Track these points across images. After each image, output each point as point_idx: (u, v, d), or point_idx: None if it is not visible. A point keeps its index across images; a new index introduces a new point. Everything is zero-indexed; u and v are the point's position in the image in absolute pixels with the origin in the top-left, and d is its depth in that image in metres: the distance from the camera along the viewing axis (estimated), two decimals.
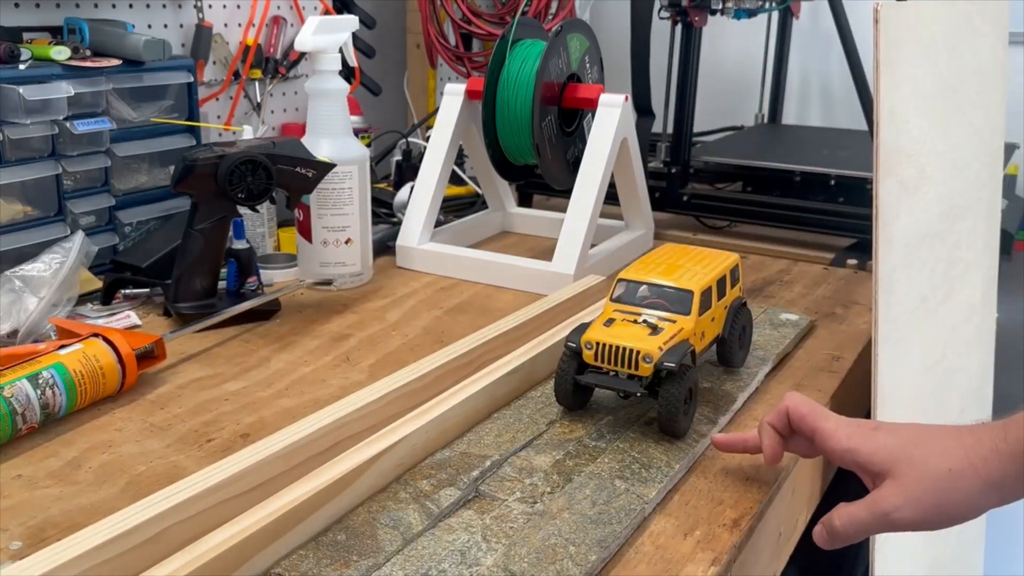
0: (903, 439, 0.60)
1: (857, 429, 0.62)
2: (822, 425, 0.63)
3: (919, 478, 0.57)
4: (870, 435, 0.61)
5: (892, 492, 0.58)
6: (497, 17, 1.59)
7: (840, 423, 0.63)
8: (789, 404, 0.66)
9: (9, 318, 0.89)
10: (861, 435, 0.61)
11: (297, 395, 0.83)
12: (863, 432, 0.62)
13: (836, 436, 0.62)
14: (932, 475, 0.57)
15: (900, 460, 0.59)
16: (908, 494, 0.57)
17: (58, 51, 1.04)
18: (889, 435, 0.61)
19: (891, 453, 0.59)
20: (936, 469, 0.57)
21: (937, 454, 0.58)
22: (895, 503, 0.58)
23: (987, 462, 0.56)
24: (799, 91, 1.88)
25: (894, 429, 0.62)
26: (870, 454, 0.60)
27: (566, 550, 0.59)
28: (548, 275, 1.08)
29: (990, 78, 1.03)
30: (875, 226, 0.80)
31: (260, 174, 0.97)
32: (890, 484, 0.58)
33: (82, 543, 0.52)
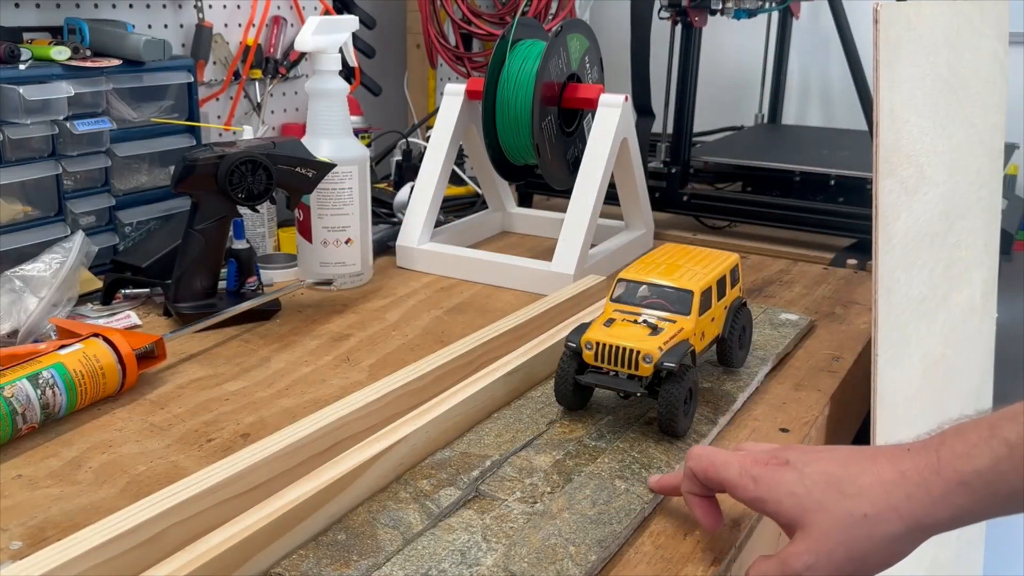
0: (813, 480, 0.52)
1: (764, 472, 0.54)
2: (724, 476, 0.56)
3: (830, 529, 0.50)
4: (777, 477, 0.54)
5: (802, 548, 0.51)
6: (497, 17, 1.59)
7: (744, 467, 0.55)
8: (690, 464, 0.59)
9: (9, 318, 0.89)
10: (768, 479, 0.54)
11: (297, 395, 0.83)
12: (769, 475, 0.54)
13: (742, 485, 0.55)
14: (845, 523, 0.50)
15: (809, 508, 0.51)
16: (820, 548, 0.50)
17: (58, 51, 1.04)
18: (798, 476, 0.53)
19: (800, 501, 0.52)
20: (849, 516, 0.50)
21: (852, 495, 0.50)
22: (806, 561, 0.51)
23: (911, 501, 0.48)
24: (799, 91, 1.88)
25: (805, 465, 0.53)
26: (777, 503, 0.53)
27: (566, 550, 0.59)
28: (548, 275, 1.08)
29: (990, 78, 1.03)
30: (875, 226, 0.80)
31: (260, 174, 0.97)
32: (800, 538, 0.51)
33: (82, 543, 0.52)
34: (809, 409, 0.81)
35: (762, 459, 0.56)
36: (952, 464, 0.47)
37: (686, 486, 0.60)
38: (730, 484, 0.56)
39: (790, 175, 1.38)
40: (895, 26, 0.80)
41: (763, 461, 0.55)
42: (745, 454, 0.57)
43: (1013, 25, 1.11)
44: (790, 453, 0.55)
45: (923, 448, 0.49)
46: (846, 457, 0.53)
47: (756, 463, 0.55)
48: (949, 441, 0.49)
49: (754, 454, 0.57)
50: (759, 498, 0.54)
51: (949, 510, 0.47)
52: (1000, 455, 0.46)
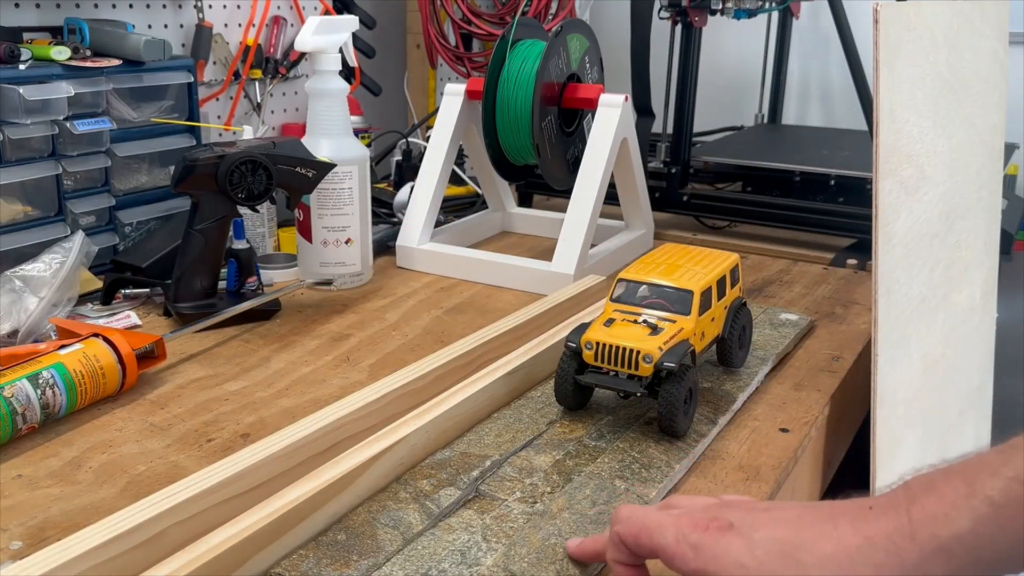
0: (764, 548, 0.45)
1: (703, 538, 0.47)
2: (659, 543, 0.48)
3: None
4: (722, 546, 0.46)
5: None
6: (497, 17, 1.59)
7: (681, 532, 0.48)
8: (618, 529, 0.52)
9: (9, 318, 0.89)
10: (710, 548, 0.46)
11: (297, 395, 0.83)
12: (712, 542, 0.46)
13: (680, 553, 0.47)
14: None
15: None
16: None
17: (58, 51, 1.04)
18: (745, 544, 0.46)
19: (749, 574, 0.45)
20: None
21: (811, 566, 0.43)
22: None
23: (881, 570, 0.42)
24: (799, 91, 1.88)
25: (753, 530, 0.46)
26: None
27: (566, 550, 0.59)
28: (548, 275, 1.08)
29: (990, 78, 1.03)
30: (875, 226, 0.80)
31: (260, 174, 0.97)
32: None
33: (82, 543, 0.52)
34: (809, 409, 0.81)
35: (701, 522, 0.48)
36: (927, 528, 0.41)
37: (612, 554, 0.52)
38: (666, 553, 0.48)
39: (790, 175, 1.38)
40: (895, 26, 0.80)
41: (703, 525, 0.48)
42: (681, 514, 0.50)
43: (1013, 25, 1.11)
44: (732, 513, 0.48)
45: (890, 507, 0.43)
46: (797, 517, 0.46)
47: (695, 527, 0.48)
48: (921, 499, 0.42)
49: (692, 514, 0.49)
50: (700, 570, 0.46)
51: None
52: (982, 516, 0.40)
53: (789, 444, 0.75)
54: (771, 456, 0.73)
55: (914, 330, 0.90)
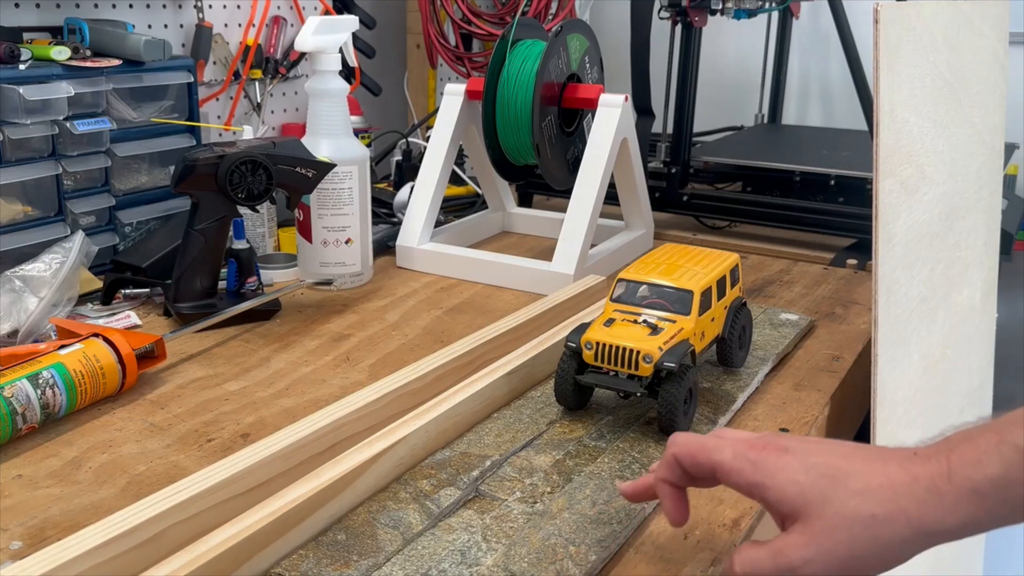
0: (818, 471, 0.49)
1: (762, 456, 0.51)
2: (718, 459, 0.53)
3: (834, 525, 0.47)
4: (779, 464, 0.50)
5: (802, 541, 0.48)
6: (497, 17, 1.59)
7: (738, 450, 0.52)
8: (675, 451, 0.55)
9: (9, 318, 0.89)
10: (768, 464, 0.51)
11: (297, 395, 0.83)
12: (770, 460, 0.51)
13: (738, 469, 0.52)
14: (850, 522, 0.47)
15: (813, 500, 0.48)
16: (820, 545, 0.47)
17: (58, 51, 1.04)
18: (801, 464, 0.50)
19: (803, 491, 0.49)
20: (856, 514, 0.47)
21: (859, 493, 0.48)
22: (804, 556, 0.48)
23: (922, 506, 0.46)
24: (799, 91, 1.88)
25: (808, 454, 0.51)
26: (779, 491, 0.50)
27: (566, 550, 0.59)
28: (548, 275, 1.08)
29: (990, 78, 1.04)
30: (875, 226, 0.80)
31: (260, 174, 0.97)
32: (799, 531, 0.48)
33: (82, 543, 0.52)
34: (809, 409, 0.81)
35: (759, 443, 0.52)
36: (963, 471, 0.46)
37: (663, 473, 0.56)
38: (724, 468, 0.52)
39: (790, 175, 1.38)
40: (895, 26, 0.80)
41: (759, 445, 0.52)
42: (738, 438, 0.54)
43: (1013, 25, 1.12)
44: (787, 440, 0.53)
45: (933, 453, 0.48)
46: (851, 452, 0.50)
47: (752, 447, 0.52)
48: (959, 447, 0.47)
49: (748, 438, 0.54)
50: (758, 483, 0.50)
51: (959, 518, 0.46)
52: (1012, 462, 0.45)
53: None
54: None
55: (914, 330, 0.90)
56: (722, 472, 0.53)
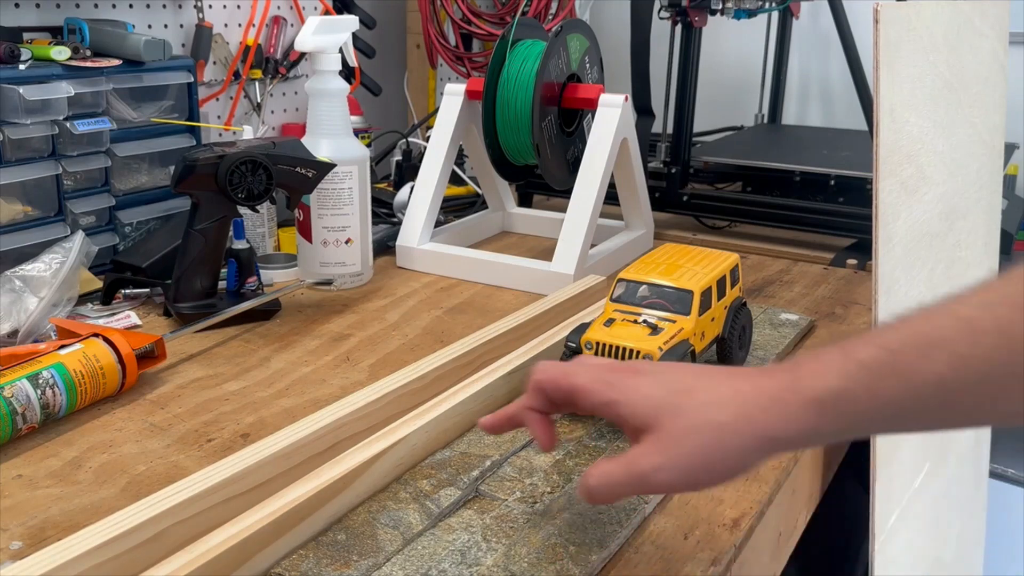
0: (669, 386, 0.52)
1: (616, 376, 0.54)
2: (577, 382, 0.55)
3: (683, 434, 0.49)
4: (632, 382, 0.53)
5: (652, 450, 0.50)
6: (497, 17, 1.59)
7: (594, 373, 0.55)
8: (538, 377, 0.58)
9: (9, 318, 0.89)
10: (622, 383, 0.53)
11: (297, 395, 0.83)
12: (625, 379, 0.53)
13: (594, 389, 0.54)
14: (698, 430, 0.49)
15: (664, 412, 0.50)
16: (670, 452, 0.49)
17: (58, 51, 1.04)
18: (653, 381, 0.52)
19: (655, 404, 0.51)
20: (704, 422, 0.49)
21: (708, 404, 0.50)
22: (654, 463, 0.49)
23: (766, 414, 0.48)
24: (799, 91, 1.88)
25: (659, 374, 0.53)
26: (631, 405, 0.52)
27: (566, 550, 0.59)
28: (548, 275, 1.08)
29: (990, 78, 1.04)
30: (875, 226, 0.80)
31: (260, 174, 0.97)
32: (650, 441, 0.50)
33: (82, 543, 0.52)
34: None
35: (616, 366, 0.55)
36: (806, 382, 0.47)
37: (528, 401, 0.58)
38: (582, 390, 0.54)
39: (790, 175, 1.38)
40: (895, 26, 0.80)
41: (616, 368, 0.55)
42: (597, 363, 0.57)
43: (1013, 25, 1.12)
44: (642, 364, 0.56)
45: (781, 368, 0.50)
46: (702, 372, 0.53)
47: (609, 369, 0.55)
48: (805, 363, 0.49)
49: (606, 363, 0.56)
50: (613, 400, 0.53)
51: (800, 426, 0.47)
52: (851, 374, 0.46)
53: None
54: None
55: None
56: (580, 394, 0.55)
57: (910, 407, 0.45)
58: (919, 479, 1.00)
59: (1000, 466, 1.52)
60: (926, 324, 0.45)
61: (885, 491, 0.89)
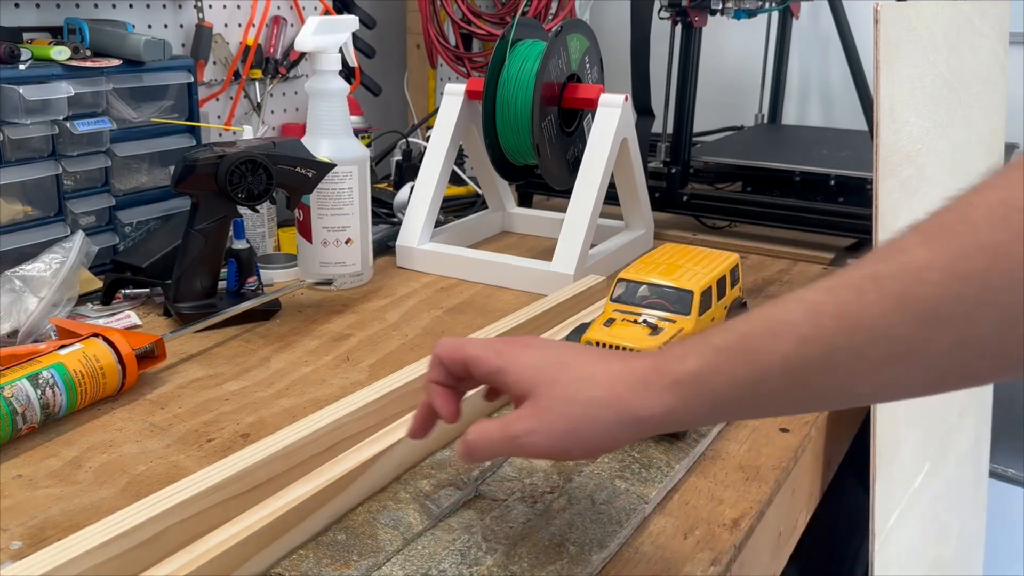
0: (552, 359, 0.55)
1: (508, 348, 0.57)
2: (470, 352, 0.58)
3: (557, 403, 0.52)
4: (520, 353, 0.56)
5: (527, 415, 0.53)
6: (497, 17, 1.59)
7: (489, 345, 0.58)
8: (437, 351, 0.60)
9: (9, 318, 0.89)
10: (511, 354, 0.56)
11: (297, 395, 0.83)
12: (513, 351, 0.57)
13: (485, 357, 0.57)
14: (571, 400, 0.52)
15: (542, 381, 0.54)
16: (542, 418, 0.52)
17: (58, 51, 1.04)
18: (538, 353, 0.56)
19: (536, 372, 0.54)
20: (576, 394, 0.52)
21: (582, 378, 0.53)
22: (527, 427, 0.52)
23: (633, 393, 0.51)
24: (799, 91, 1.88)
25: (545, 348, 0.57)
26: (515, 373, 0.55)
27: (566, 550, 0.59)
28: (548, 275, 1.08)
29: (990, 78, 1.04)
30: (875, 226, 0.80)
31: (260, 174, 0.97)
32: (527, 406, 0.54)
33: (82, 543, 0.52)
34: None
35: (508, 340, 0.59)
36: (668, 364, 0.50)
37: (431, 375, 0.61)
38: (474, 359, 0.57)
39: (790, 175, 1.38)
40: (895, 26, 0.80)
41: (508, 341, 0.58)
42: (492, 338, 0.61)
43: (1013, 25, 1.12)
44: (532, 340, 0.60)
45: (649, 353, 0.53)
46: (582, 350, 0.57)
47: (501, 342, 0.58)
48: (672, 348, 0.52)
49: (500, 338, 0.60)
50: (500, 368, 0.56)
51: (662, 406, 0.50)
52: (706, 357, 0.49)
53: (789, 444, 0.75)
54: (771, 456, 0.73)
55: None
56: (472, 363, 0.58)
57: (763, 389, 0.47)
58: (919, 479, 1.00)
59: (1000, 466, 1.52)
60: (775, 309, 0.47)
61: (885, 491, 0.89)
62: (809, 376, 0.45)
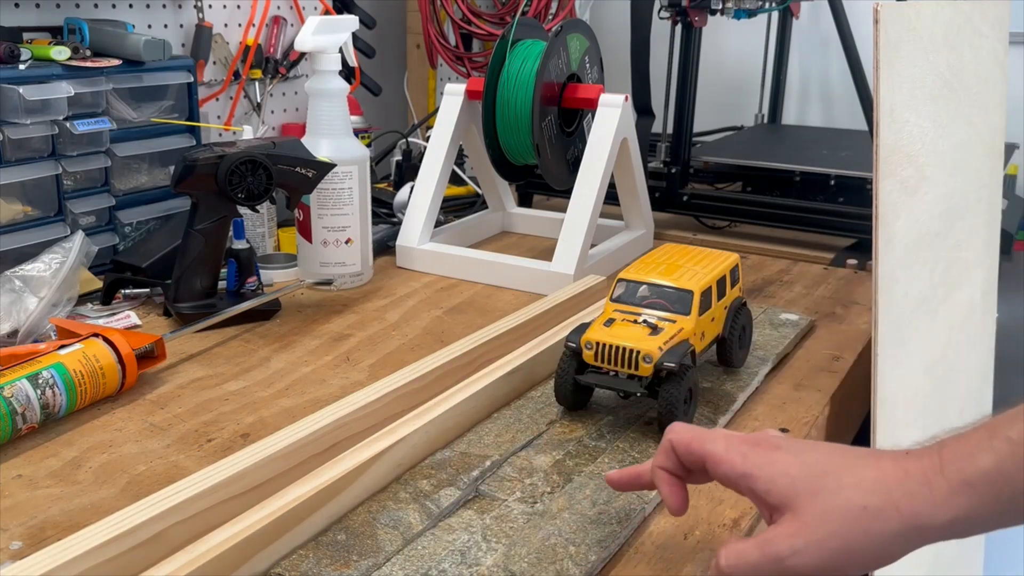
0: (810, 465, 0.49)
1: (753, 449, 0.51)
2: (710, 449, 0.53)
3: (825, 516, 0.47)
4: (769, 457, 0.50)
5: (790, 531, 0.47)
6: (497, 17, 1.59)
7: (732, 443, 0.52)
8: (671, 437, 0.56)
9: (9, 318, 0.89)
10: (758, 457, 0.51)
11: (297, 395, 0.83)
12: (760, 453, 0.51)
13: (728, 459, 0.52)
14: (842, 513, 0.46)
15: (803, 491, 0.48)
16: (810, 536, 0.47)
17: (58, 51, 1.04)
18: (793, 459, 0.50)
19: (793, 482, 0.48)
20: (847, 505, 0.46)
21: (851, 486, 0.47)
22: (793, 545, 0.47)
23: (913, 499, 0.45)
24: (799, 91, 1.88)
25: (800, 451, 0.51)
26: (768, 482, 0.49)
27: (566, 550, 0.59)
28: (548, 275, 1.08)
29: (990, 78, 1.03)
30: (875, 226, 0.80)
31: (260, 174, 0.97)
32: (789, 521, 0.48)
33: (82, 543, 0.52)
34: (809, 409, 0.81)
35: (752, 439, 0.53)
36: (955, 464, 0.45)
37: (660, 461, 0.56)
38: (715, 458, 0.52)
39: (790, 175, 1.38)
40: (895, 26, 0.80)
41: (752, 440, 0.53)
42: (733, 434, 0.54)
43: (1013, 25, 1.11)
44: (780, 440, 0.53)
45: (924, 451, 0.47)
46: (843, 451, 0.50)
47: (746, 441, 0.53)
48: (950, 444, 0.46)
49: (743, 435, 0.54)
50: (747, 474, 0.50)
51: (951, 512, 0.44)
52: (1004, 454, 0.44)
53: None
54: None
55: (914, 330, 0.90)
56: (713, 461, 0.53)
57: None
58: None
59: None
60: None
61: None
62: None
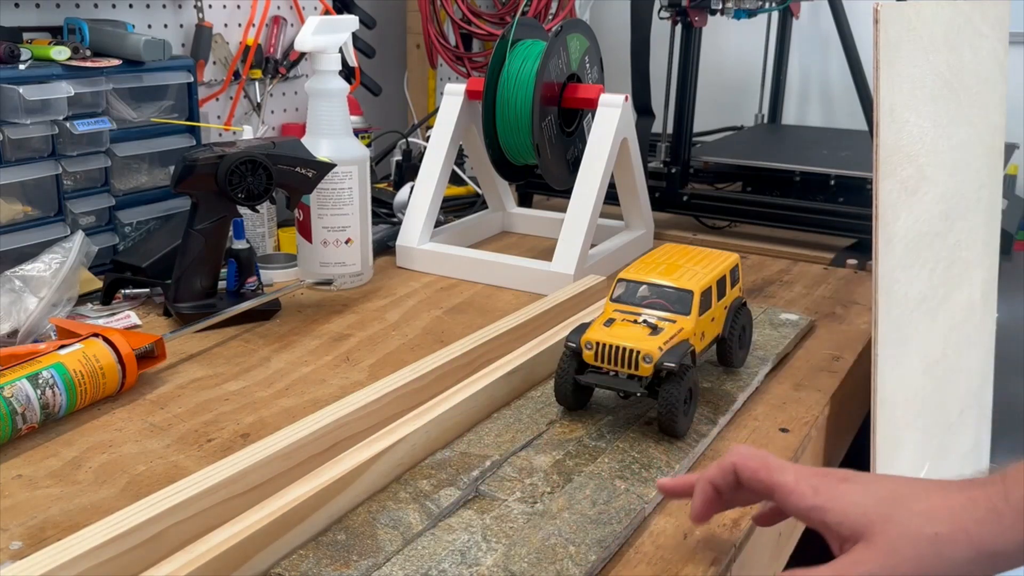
0: (879, 496, 0.51)
1: (823, 481, 0.53)
2: (779, 480, 0.54)
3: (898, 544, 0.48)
4: (840, 489, 0.52)
5: (865, 558, 0.48)
6: (497, 17, 1.59)
7: (802, 475, 0.54)
8: (736, 460, 0.56)
9: (9, 318, 0.89)
10: (829, 489, 0.52)
11: (297, 395, 0.83)
12: (830, 485, 0.52)
13: (799, 491, 0.53)
14: (914, 540, 0.48)
15: (876, 520, 0.49)
16: (884, 561, 0.48)
17: (58, 51, 1.04)
18: (863, 490, 0.52)
19: (866, 512, 0.50)
20: (919, 533, 0.48)
21: (921, 514, 0.49)
22: (869, 571, 0.48)
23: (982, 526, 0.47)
24: (799, 91, 1.88)
25: (868, 483, 0.53)
26: (841, 514, 0.51)
27: (566, 550, 0.59)
28: (548, 275, 1.08)
29: (990, 78, 1.03)
30: (875, 226, 0.80)
31: (260, 174, 0.97)
32: (863, 549, 0.49)
33: (82, 543, 0.52)
34: (809, 409, 0.81)
35: (820, 471, 0.54)
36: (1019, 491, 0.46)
37: (714, 474, 0.57)
38: (785, 489, 0.53)
39: (790, 175, 1.38)
40: (895, 26, 0.80)
41: (821, 473, 0.54)
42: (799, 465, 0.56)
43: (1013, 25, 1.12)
44: (847, 472, 0.54)
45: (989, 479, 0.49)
46: (909, 482, 0.52)
47: (815, 473, 0.54)
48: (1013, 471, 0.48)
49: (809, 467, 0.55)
50: (819, 506, 0.52)
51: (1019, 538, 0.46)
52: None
53: (789, 444, 0.75)
54: None
55: (914, 330, 0.90)
56: (782, 492, 0.54)
57: None
58: None
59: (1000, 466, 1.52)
60: None
61: None
62: None
